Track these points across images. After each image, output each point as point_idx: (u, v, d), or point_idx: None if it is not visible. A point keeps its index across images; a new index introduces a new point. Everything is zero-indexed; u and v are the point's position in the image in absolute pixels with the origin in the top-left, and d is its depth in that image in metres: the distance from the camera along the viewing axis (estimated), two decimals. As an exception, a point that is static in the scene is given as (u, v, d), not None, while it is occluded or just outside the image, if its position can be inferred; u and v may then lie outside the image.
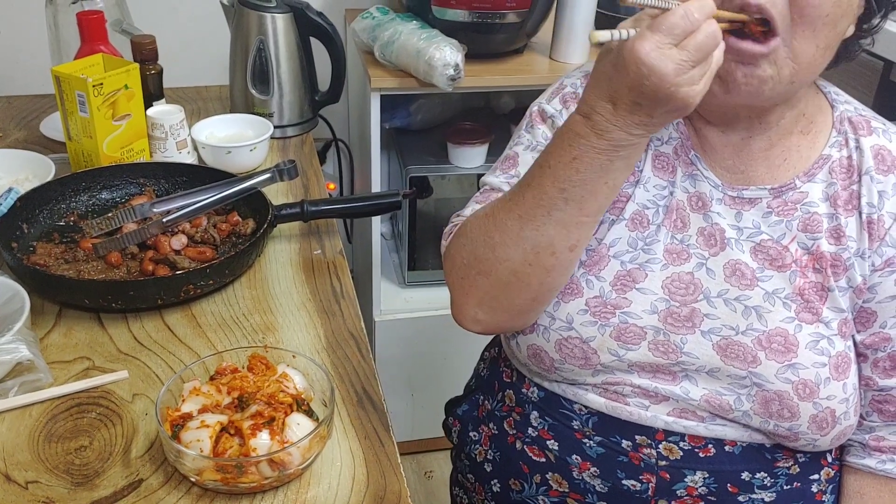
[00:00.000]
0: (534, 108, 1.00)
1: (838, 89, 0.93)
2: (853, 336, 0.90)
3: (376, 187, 1.80)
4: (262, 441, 0.81)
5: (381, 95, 1.67)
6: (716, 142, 0.90)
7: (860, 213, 0.87)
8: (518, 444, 1.01)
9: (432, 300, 2.00)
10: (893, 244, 0.86)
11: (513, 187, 0.87)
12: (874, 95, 1.72)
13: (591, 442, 0.95)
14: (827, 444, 0.90)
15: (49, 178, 1.28)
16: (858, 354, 0.91)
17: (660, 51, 0.69)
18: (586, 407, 0.95)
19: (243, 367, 0.92)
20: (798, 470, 0.94)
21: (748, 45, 0.78)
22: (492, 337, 1.13)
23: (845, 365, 0.87)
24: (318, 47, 1.61)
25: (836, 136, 0.89)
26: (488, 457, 1.06)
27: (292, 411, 0.85)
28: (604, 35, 0.71)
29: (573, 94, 0.97)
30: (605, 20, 1.80)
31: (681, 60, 0.69)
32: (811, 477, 0.95)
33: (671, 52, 0.69)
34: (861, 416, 0.93)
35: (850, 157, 0.88)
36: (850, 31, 0.83)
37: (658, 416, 0.91)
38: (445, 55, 1.53)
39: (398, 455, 0.90)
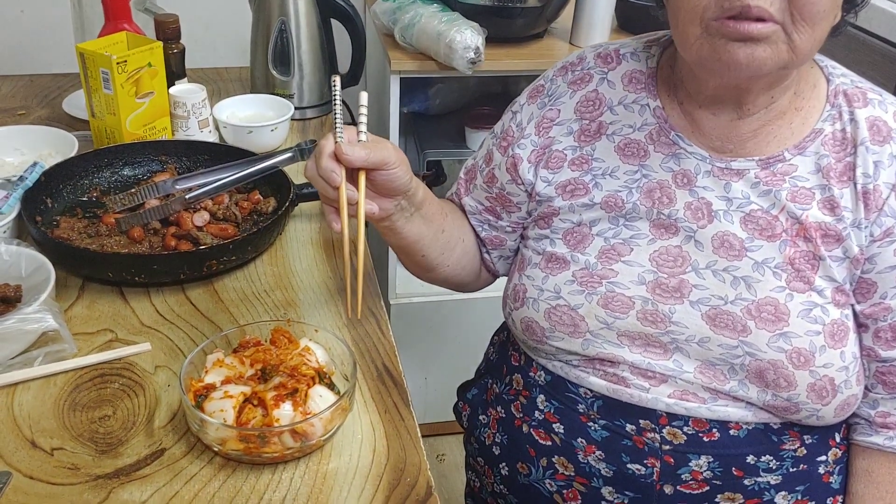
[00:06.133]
0: None
1: (834, 62, 0.94)
2: (853, 306, 0.90)
3: (393, 170, 1.80)
4: (286, 412, 0.82)
5: (401, 78, 1.67)
6: (705, 124, 0.91)
7: (855, 185, 0.87)
8: (525, 428, 1.02)
9: (447, 284, 2.00)
10: (892, 214, 0.86)
11: None
12: (894, 87, 1.71)
13: (596, 425, 0.95)
14: (831, 416, 0.90)
15: (72, 155, 1.29)
16: (860, 325, 0.91)
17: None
18: (591, 390, 0.95)
19: (266, 341, 0.93)
20: (805, 452, 0.94)
21: (747, 26, 0.78)
22: (502, 321, 1.14)
23: (842, 333, 0.88)
24: (338, 29, 1.61)
25: (830, 109, 0.90)
26: (496, 440, 1.07)
27: (315, 384, 0.86)
28: None
29: (541, 86, 1.02)
30: (625, 7, 1.80)
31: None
32: (818, 458, 0.95)
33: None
34: (867, 388, 0.93)
35: (843, 131, 0.89)
36: (839, 16, 0.85)
37: (659, 398, 0.91)
38: (466, 38, 1.53)
39: (418, 429, 0.91)
